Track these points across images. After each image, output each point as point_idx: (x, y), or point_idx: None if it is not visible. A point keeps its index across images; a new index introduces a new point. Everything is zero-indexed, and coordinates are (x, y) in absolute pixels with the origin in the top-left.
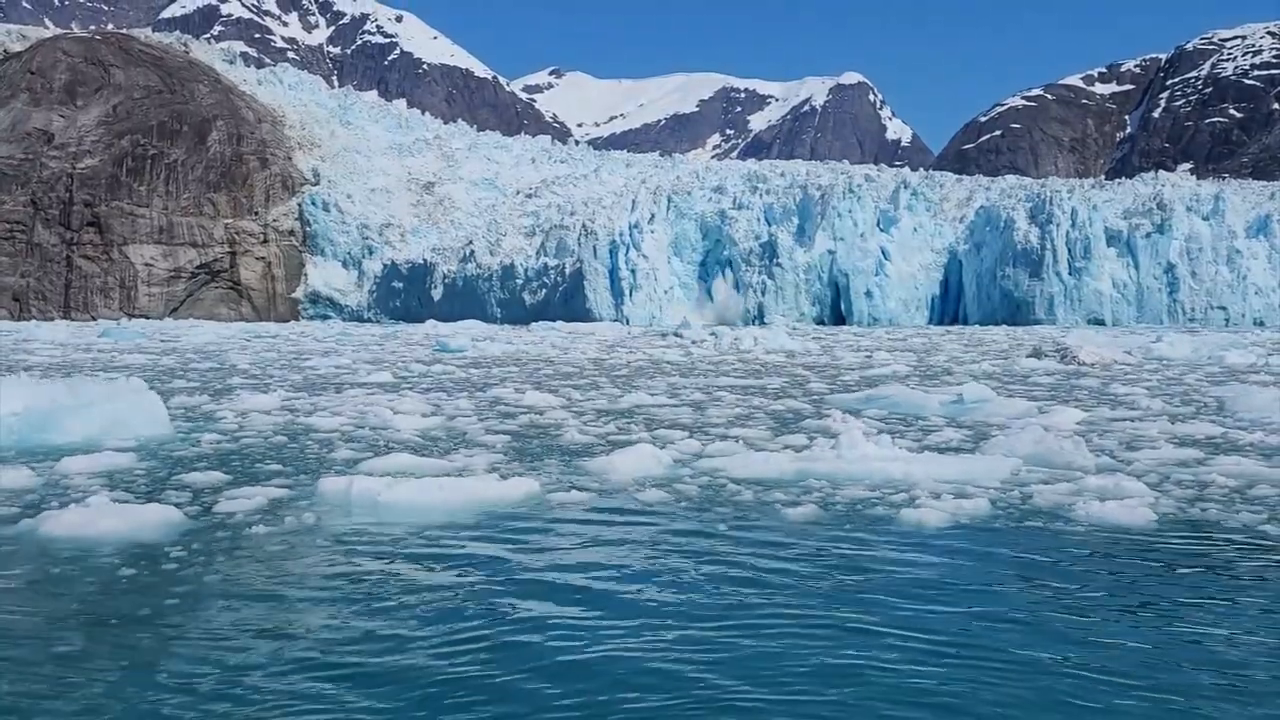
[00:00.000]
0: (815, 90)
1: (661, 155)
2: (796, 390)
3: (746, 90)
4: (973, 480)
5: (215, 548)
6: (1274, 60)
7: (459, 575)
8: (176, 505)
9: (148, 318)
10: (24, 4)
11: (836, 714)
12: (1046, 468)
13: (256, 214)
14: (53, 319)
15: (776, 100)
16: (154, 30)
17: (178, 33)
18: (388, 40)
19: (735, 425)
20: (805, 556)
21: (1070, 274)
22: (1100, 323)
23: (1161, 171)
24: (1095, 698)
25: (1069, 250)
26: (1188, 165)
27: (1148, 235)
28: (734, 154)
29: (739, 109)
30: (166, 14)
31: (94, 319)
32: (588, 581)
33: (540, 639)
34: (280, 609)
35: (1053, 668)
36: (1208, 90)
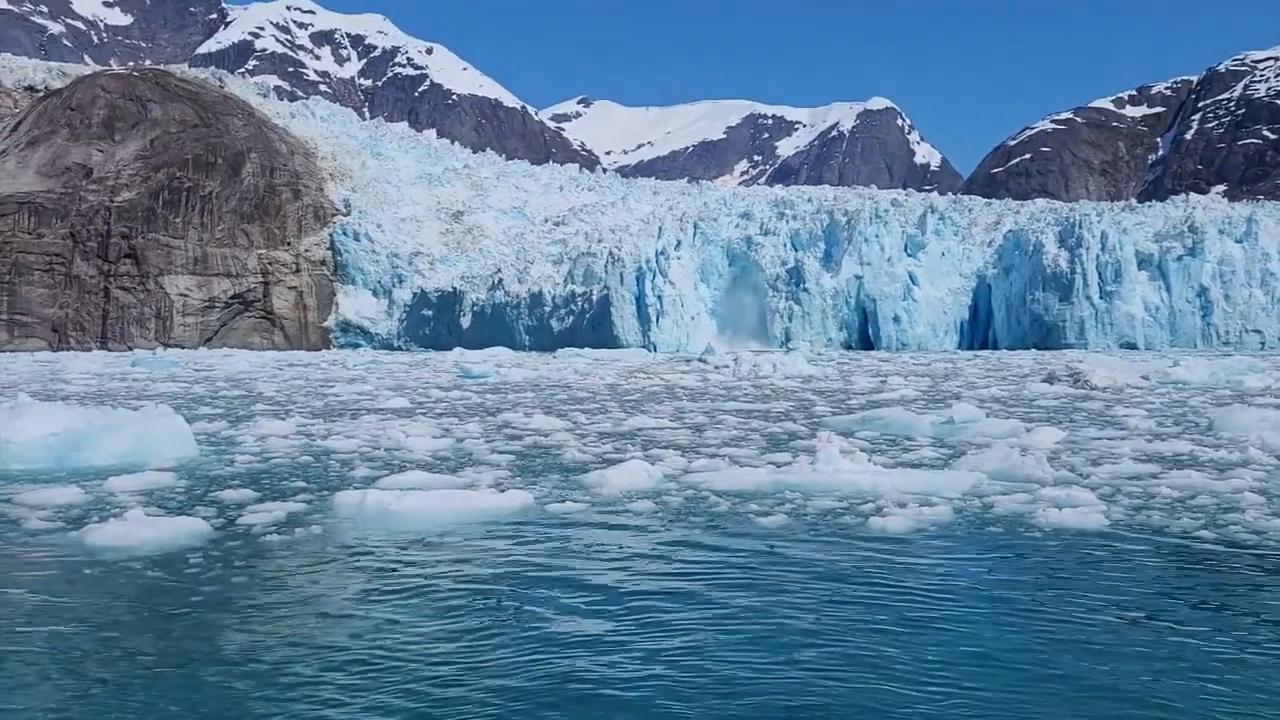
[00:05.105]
0: (843, 115)
1: (689, 182)
2: (799, 414)
3: (774, 116)
4: (936, 491)
5: (240, 554)
6: None
7: (458, 575)
8: (205, 519)
9: (183, 347)
10: (65, 42)
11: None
12: (1007, 480)
13: (289, 244)
14: (90, 349)
15: (804, 126)
16: (190, 66)
17: (213, 68)
18: (418, 72)
19: (728, 445)
20: (770, 557)
21: (1101, 297)
22: (1132, 346)
23: (1192, 194)
24: (1033, 678)
25: (1099, 274)
26: (1221, 187)
27: (1179, 258)
28: (762, 180)
29: (766, 135)
30: (202, 50)
31: (130, 349)
32: (573, 577)
33: (523, 632)
34: (297, 605)
35: (995, 652)
36: (1240, 112)
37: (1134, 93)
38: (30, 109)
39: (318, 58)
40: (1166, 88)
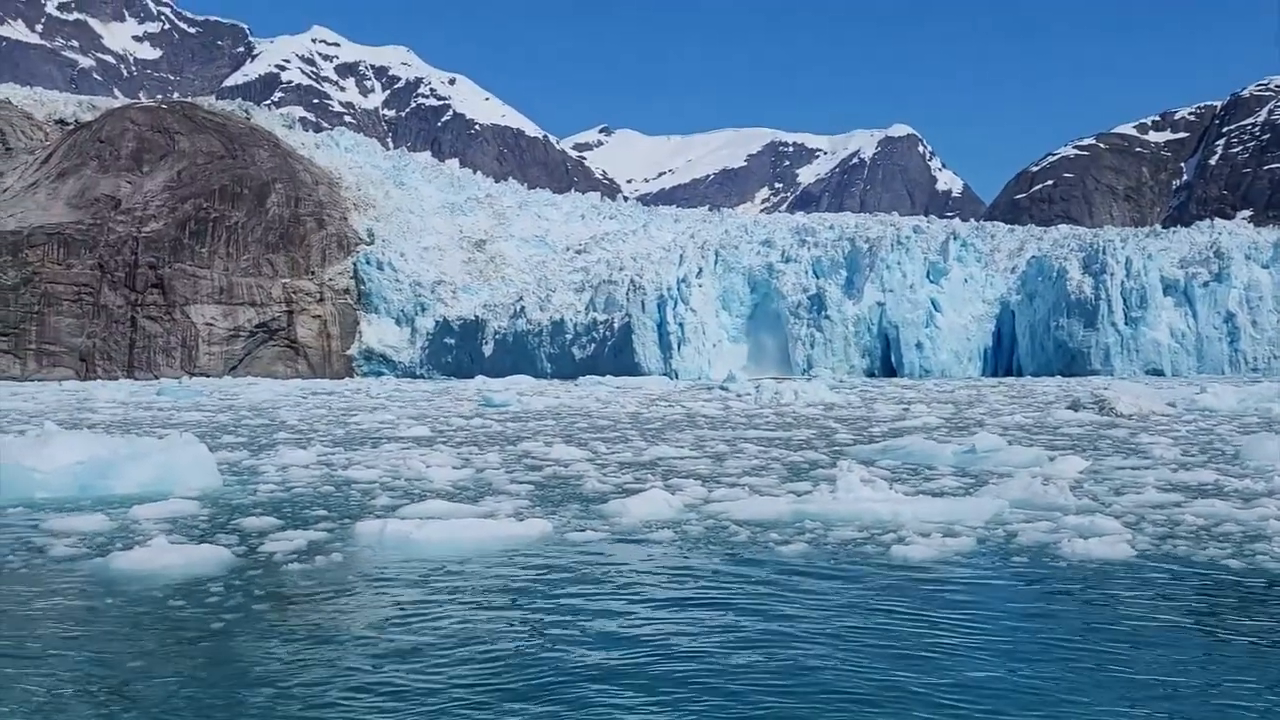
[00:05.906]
0: (864, 143)
1: (710, 210)
2: (820, 442)
3: (795, 144)
4: (958, 520)
5: (261, 582)
6: None
7: (477, 603)
8: (227, 547)
9: (208, 376)
10: (95, 76)
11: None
12: (1029, 509)
13: (313, 273)
14: (117, 378)
15: (825, 153)
16: (217, 98)
17: (240, 100)
18: (441, 102)
19: (749, 475)
20: (790, 586)
21: (1126, 324)
22: (1159, 373)
23: (1218, 219)
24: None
25: (1124, 300)
26: (1247, 213)
27: (1205, 284)
28: (783, 207)
29: (787, 163)
30: (229, 82)
31: (156, 378)
32: (592, 606)
33: (543, 660)
34: (318, 632)
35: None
36: (1266, 136)
37: (1157, 118)
38: (60, 141)
39: (342, 89)
40: (1190, 113)
